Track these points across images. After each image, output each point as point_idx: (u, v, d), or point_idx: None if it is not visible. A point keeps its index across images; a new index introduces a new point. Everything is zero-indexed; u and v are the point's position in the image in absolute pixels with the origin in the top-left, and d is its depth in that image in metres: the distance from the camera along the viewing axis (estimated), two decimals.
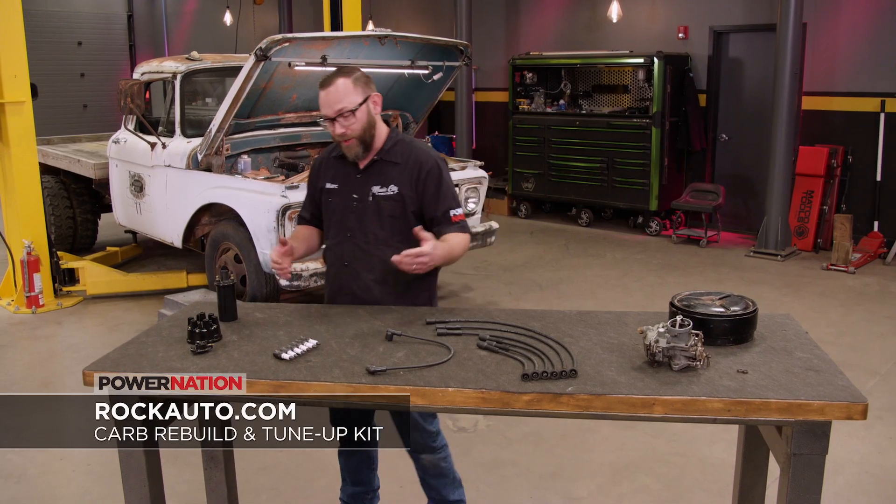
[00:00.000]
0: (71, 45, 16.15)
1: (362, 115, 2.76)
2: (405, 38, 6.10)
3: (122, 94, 6.36)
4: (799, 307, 6.49)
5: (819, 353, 2.31)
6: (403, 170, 2.85)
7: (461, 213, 2.90)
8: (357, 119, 2.75)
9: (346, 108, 2.72)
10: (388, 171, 2.85)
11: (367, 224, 2.84)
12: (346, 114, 2.73)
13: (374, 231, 2.84)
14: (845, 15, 8.32)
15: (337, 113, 2.73)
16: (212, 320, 2.43)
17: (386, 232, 2.84)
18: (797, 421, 1.99)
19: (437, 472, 3.06)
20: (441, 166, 2.89)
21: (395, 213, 2.84)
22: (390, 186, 2.83)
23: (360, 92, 2.75)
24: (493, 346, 2.35)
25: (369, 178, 2.86)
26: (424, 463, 3.04)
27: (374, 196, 2.83)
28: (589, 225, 9.93)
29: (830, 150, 8.26)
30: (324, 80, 2.78)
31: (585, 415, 2.05)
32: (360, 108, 2.75)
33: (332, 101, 2.73)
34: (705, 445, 4.13)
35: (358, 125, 2.76)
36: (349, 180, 2.88)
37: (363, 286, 2.86)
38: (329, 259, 2.98)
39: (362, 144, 2.81)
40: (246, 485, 3.82)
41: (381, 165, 2.86)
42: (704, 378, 2.13)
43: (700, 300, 2.50)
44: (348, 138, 2.77)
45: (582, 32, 10.49)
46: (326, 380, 2.14)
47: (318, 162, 3.04)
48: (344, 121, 2.74)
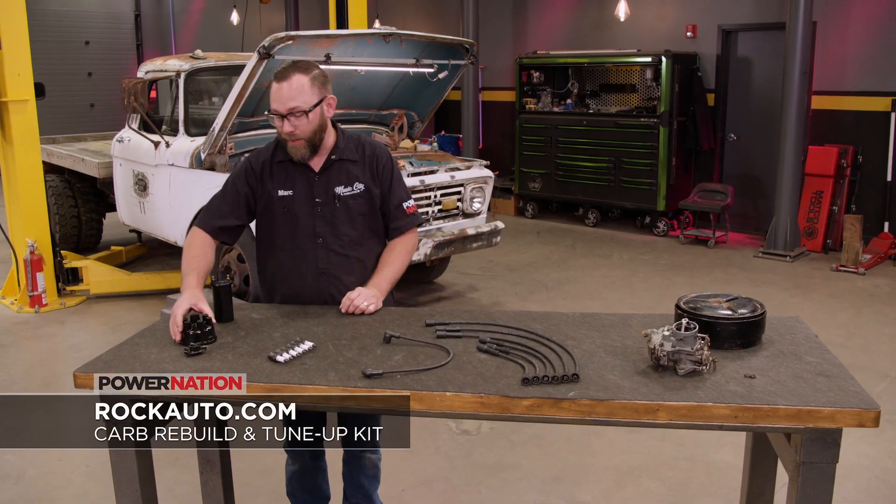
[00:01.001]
0: (78, 44, 16.15)
1: (315, 117, 2.63)
2: (410, 36, 6.04)
3: (125, 93, 6.33)
4: (808, 309, 6.41)
5: (829, 357, 2.25)
6: (363, 165, 2.78)
7: (414, 205, 2.89)
8: (309, 121, 2.62)
9: (299, 108, 2.59)
10: (348, 169, 2.77)
11: (339, 227, 2.75)
12: (298, 113, 2.60)
13: (347, 233, 2.76)
14: (856, 13, 8.23)
15: (289, 111, 2.59)
16: (206, 321, 2.37)
17: (358, 232, 2.78)
18: (807, 428, 1.92)
19: (374, 473, 3.00)
20: (392, 158, 2.87)
21: (364, 211, 2.78)
22: (355, 184, 2.76)
23: (316, 92, 2.62)
24: (494, 349, 2.29)
25: (329, 179, 2.76)
26: (366, 463, 2.97)
27: (339, 197, 2.74)
28: (596, 225, 9.86)
29: (840, 150, 8.17)
30: (279, 73, 2.63)
31: (587, 421, 1.99)
32: (313, 111, 2.62)
33: (286, 98, 2.59)
34: (712, 449, 4.06)
35: (308, 127, 2.63)
36: (306, 184, 2.75)
37: (342, 290, 2.75)
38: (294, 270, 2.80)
39: (310, 147, 2.68)
40: (245, 487, 3.77)
41: (340, 164, 2.77)
42: (711, 383, 2.06)
43: (707, 302, 2.44)
44: (296, 139, 2.64)
45: (589, 31, 10.42)
46: (321, 383, 2.09)
47: (258, 165, 2.79)
48: (295, 120, 2.60)
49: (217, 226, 2.78)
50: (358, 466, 2.99)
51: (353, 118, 6.86)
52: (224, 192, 2.83)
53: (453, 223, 6.39)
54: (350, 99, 6.58)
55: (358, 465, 2.99)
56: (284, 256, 2.80)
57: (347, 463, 3.02)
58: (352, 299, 2.65)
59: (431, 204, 6.18)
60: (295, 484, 3.07)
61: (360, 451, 2.97)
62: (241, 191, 2.80)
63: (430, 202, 6.17)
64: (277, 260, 2.83)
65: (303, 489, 3.07)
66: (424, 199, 6.12)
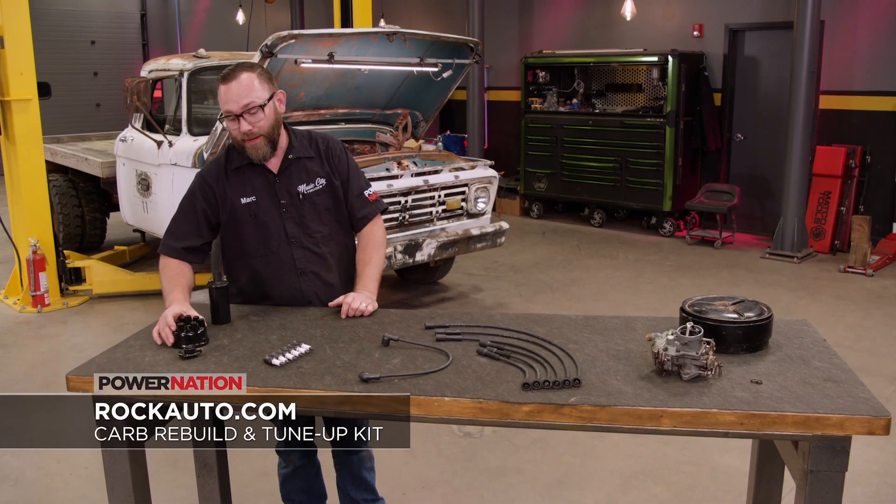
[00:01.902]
0: (84, 43, 16.15)
1: (270, 111, 2.60)
2: (414, 35, 5.99)
3: (128, 92, 6.30)
4: (815, 310, 6.34)
5: (838, 361, 2.19)
6: (321, 160, 2.77)
7: (375, 192, 2.87)
8: (265, 115, 2.59)
9: (253, 104, 2.54)
10: (306, 166, 2.75)
11: (308, 225, 2.73)
12: (253, 109, 2.55)
13: (317, 229, 2.74)
14: (864, 12, 8.16)
15: (244, 108, 2.54)
16: (198, 323, 2.33)
17: (328, 227, 2.77)
18: (815, 436, 1.87)
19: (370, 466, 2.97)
20: (345, 148, 2.86)
21: (329, 206, 2.76)
22: (317, 180, 2.74)
23: (266, 88, 2.59)
24: (494, 353, 2.24)
25: (290, 178, 2.73)
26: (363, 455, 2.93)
27: (303, 195, 2.72)
28: (601, 225, 9.80)
29: (848, 151, 8.10)
30: (225, 75, 2.58)
31: (588, 427, 1.94)
32: (268, 105, 2.59)
33: (238, 96, 2.53)
34: (717, 453, 4.01)
35: (265, 122, 2.60)
36: (268, 188, 2.71)
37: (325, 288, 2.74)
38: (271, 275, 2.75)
39: (270, 143, 2.64)
40: (245, 490, 3.74)
41: (298, 163, 2.74)
42: (716, 389, 2.01)
43: (712, 305, 2.38)
44: (255, 136, 2.59)
45: (595, 30, 10.36)
46: (317, 387, 2.04)
47: (211, 177, 2.72)
48: (251, 117, 2.56)
49: (180, 248, 2.71)
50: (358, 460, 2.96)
51: (356, 118, 6.83)
52: (182, 212, 2.76)
53: (457, 223, 6.35)
54: (354, 98, 6.55)
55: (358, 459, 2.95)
56: (259, 264, 2.75)
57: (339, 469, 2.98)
58: (348, 303, 2.62)
59: (435, 204, 6.13)
60: (290, 486, 3.04)
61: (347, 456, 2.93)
62: (198, 208, 2.73)
63: (433, 202, 6.12)
64: (253, 268, 2.77)
65: (298, 490, 3.04)
66: (428, 199, 6.08)
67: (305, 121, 6.57)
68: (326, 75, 6.14)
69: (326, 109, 6.63)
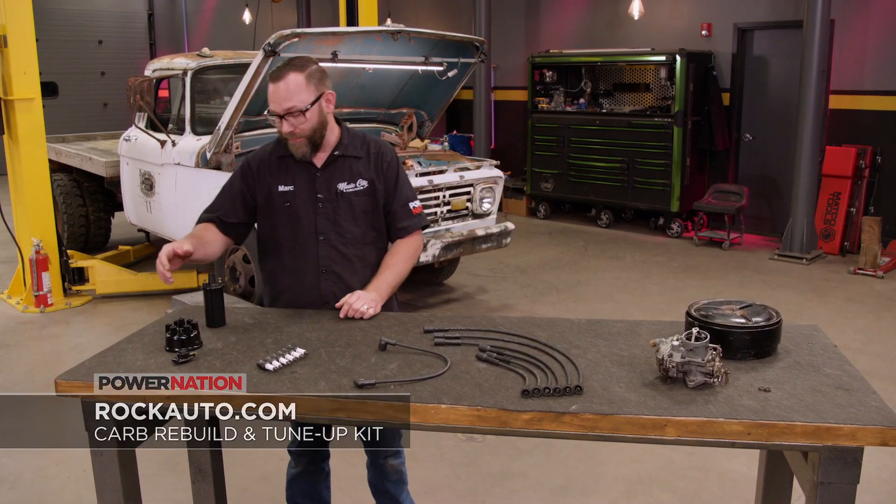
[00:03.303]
0: (91, 43, 16.18)
1: (313, 115, 2.57)
2: (419, 33, 5.94)
3: (131, 91, 6.25)
4: (825, 313, 6.26)
5: (849, 368, 2.12)
6: (367, 162, 2.71)
7: (419, 206, 2.81)
8: (307, 119, 2.56)
9: (295, 108, 2.53)
10: (351, 165, 2.70)
11: (341, 224, 2.68)
12: (295, 113, 2.54)
13: (349, 230, 2.69)
14: (875, 11, 8.06)
15: (286, 111, 2.54)
16: (191, 326, 2.28)
17: (361, 229, 2.71)
18: (825, 446, 1.79)
19: (399, 478, 2.91)
20: (398, 157, 2.80)
21: (367, 209, 2.70)
22: (359, 181, 2.69)
23: (312, 90, 2.56)
24: (493, 358, 2.18)
25: (332, 175, 2.69)
26: (388, 469, 2.88)
27: (342, 193, 2.67)
28: (609, 226, 9.73)
29: (858, 151, 8.01)
30: (275, 73, 2.57)
31: (590, 436, 1.87)
32: (311, 109, 2.56)
33: (282, 99, 2.53)
34: (724, 458, 3.93)
35: (307, 126, 2.57)
36: (308, 180, 2.69)
37: (344, 290, 2.67)
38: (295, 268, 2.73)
39: (311, 144, 2.62)
40: (244, 493, 3.69)
41: (343, 161, 2.70)
42: (722, 397, 1.94)
43: (719, 310, 2.31)
44: (296, 137, 2.59)
45: (603, 30, 10.29)
46: (310, 393, 1.98)
47: (257, 161, 2.76)
48: (293, 119, 2.55)
49: (211, 216, 2.77)
50: (381, 473, 2.92)
51: (361, 117, 6.77)
52: (221, 191, 2.82)
53: (462, 224, 6.29)
54: (358, 97, 6.49)
55: (381, 472, 2.92)
56: (285, 254, 2.74)
57: (370, 468, 2.95)
58: (350, 303, 2.56)
59: (440, 204, 6.08)
60: (295, 488, 2.98)
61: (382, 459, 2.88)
62: (236, 187, 2.77)
63: (438, 202, 6.06)
64: (279, 258, 2.76)
65: (303, 494, 2.98)
66: (433, 199, 6.02)
67: None
68: (330, 74, 6.04)
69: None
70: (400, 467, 2.91)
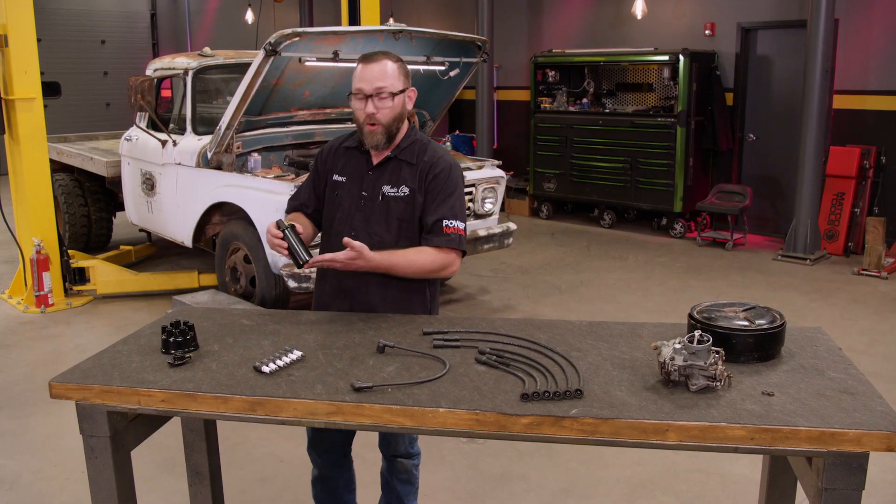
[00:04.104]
0: (94, 43, 16.17)
1: (398, 103, 2.56)
2: (421, 33, 5.92)
3: (132, 91, 6.23)
4: (828, 314, 6.22)
5: (854, 372, 2.08)
6: (416, 170, 2.64)
7: (458, 227, 2.60)
8: (392, 106, 2.55)
9: (386, 89, 2.51)
10: (401, 170, 2.65)
11: (373, 225, 2.64)
12: (384, 95, 2.52)
13: (379, 233, 2.63)
14: (879, 10, 8.02)
15: (376, 91, 2.51)
16: (188, 328, 2.25)
17: (392, 235, 2.63)
18: (830, 452, 1.76)
19: (407, 478, 2.91)
20: (453, 172, 2.66)
21: (403, 216, 2.63)
22: (401, 188, 2.63)
23: (402, 79, 2.57)
24: (493, 361, 2.15)
25: (382, 175, 2.65)
26: (399, 467, 2.88)
27: (383, 196, 2.63)
28: (611, 226, 9.69)
29: (862, 151, 7.97)
30: (367, 55, 2.56)
31: (590, 441, 1.84)
32: (398, 96, 2.55)
33: (375, 78, 2.51)
34: (727, 461, 3.90)
35: (390, 112, 2.55)
36: (359, 175, 2.68)
37: (364, 289, 2.65)
38: None
39: (387, 134, 2.59)
40: (242, 496, 3.67)
41: (396, 164, 2.65)
42: (725, 401, 1.91)
43: (722, 312, 2.28)
44: (375, 122, 2.55)
45: (606, 29, 10.25)
46: (307, 396, 1.95)
47: (329, 149, 2.80)
48: (379, 101, 2.52)
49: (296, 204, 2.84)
50: (391, 468, 2.92)
51: None
52: (306, 180, 2.90)
53: None
54: None
55: (391, 466, 2.92)
56: (326, 242, 2.76)
57: (383, 460, 2.95)
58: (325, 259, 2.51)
59: None
60: (318, 488, 2.97)
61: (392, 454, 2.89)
62: (312, 176, 2.84)
63: None
64: (323, 244, 2.78)
65: (325, 495, 2.97)
66: None
67: (311, 120, 6.50)
68: (332, 74, 6.06)
69: (332, 108, 6.56)
70: (411, 468, 2.90)
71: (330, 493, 2.95)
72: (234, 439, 4.17)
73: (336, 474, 2.92)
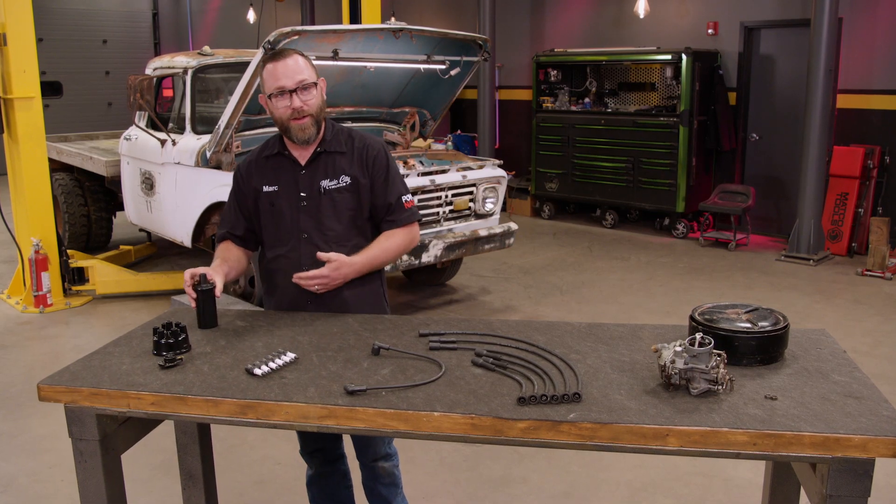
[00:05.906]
0: (96, 42, 16.15)
1: (318, 93, 2.58)
2: (421, 31, 5.86)
3: (131, 90, 6.19)
4: (832, 315, 6.16)
5: (859, 375, 2.04)
6: (351, 158, 2.65)
7: (412, 200, 2.76)
8: (315, 95, 2.56)
9: (307, 80, 2.52)
10: (335, 161, 2.64)
11: (322, 221, 2.63)
12: (308, 85, 2.52)
13: (331, 227, 2.63)
14: (883, 9, 7.96)
15: (299, 84, 2.51)
16: (179, 329, 2.21)
17: (343, 226, 2.65)
18: (835, 458, 1.71)
19: (390, 481, 2.87)
20: (387, 150, 2.73)
21: (350, 206, 2.64)
22: (342, 177, 2.63)
23: (314, 71, 2.58)
24: (490, 364, 2.11)
25: (315, 172, 2.64)
26: (379, 471, 2.84)
27: (324, 190, 2.62)
28: (614, 226, 9.64)
29: (866, 151, 7.91)
30: (273, 55, 2.56)
31: (588, 446, 1.80)
32: (318, 86, 2.57)
33: (293, 72, 2.51)
34: (730, 465, 3.85)
35: (315, 101, 2.56)
36: (292, 179, 2.65)
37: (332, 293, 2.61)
38: (280, 268, 2.69)
39: (316, 125, 2.59)
40: (240, 498, 3.63)
41: (327, 157, 2.65)
42: (727, 405, 1.86)
43: (724, 314, 2.24)
44: (304, 115, 2.54)
45: (608, 28, 10.20)
46: (299, 400, 1.91)
47: (247, 165, 2.74)
48: (304, 94, 2.52)
49: (226, 231, 2.78)
50: (373, 475, 2.88)
51: (363, 116, 6.71)
52: (228, 201, 2.83)
53: (465, 224, 6.21)
54: (360, 96, 6.43)
55: (372, 473, 2.87)
56: (272, 255, 2.71)
57: (362, 469, 2.91)
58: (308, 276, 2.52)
59: (442, 204, 6.00)
60: (315, 490, 2.94)
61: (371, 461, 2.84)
62: (234, 196, 2.78)
63: (440, 202, 5.99)
64: (268, 258, 2.74)
65: (321, 497, 2.94)
66: (435, 199, 5.95)
67: None
68: (331, 73, 6.01)
69: (332, 108, 6.51)
70: (392, 470, 2.86)
71: (327, 493, 2.92)
72: (230, 441, 4.13)
73: (330, 471, 2.89)
